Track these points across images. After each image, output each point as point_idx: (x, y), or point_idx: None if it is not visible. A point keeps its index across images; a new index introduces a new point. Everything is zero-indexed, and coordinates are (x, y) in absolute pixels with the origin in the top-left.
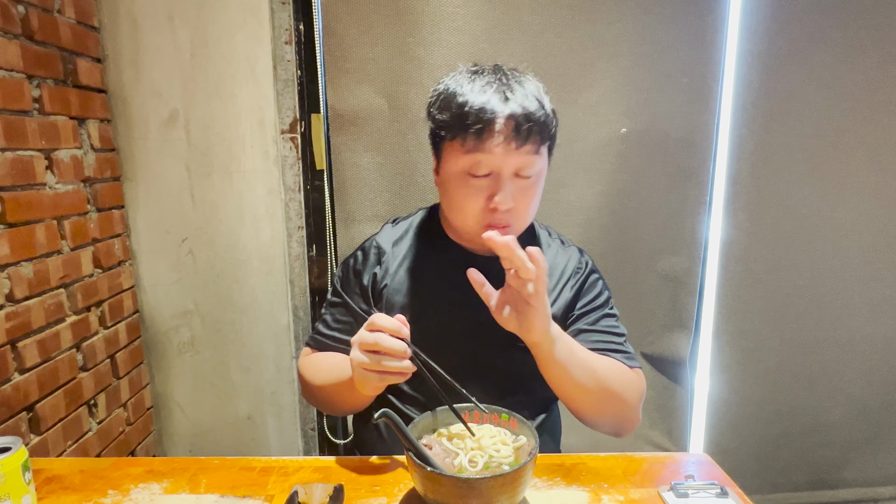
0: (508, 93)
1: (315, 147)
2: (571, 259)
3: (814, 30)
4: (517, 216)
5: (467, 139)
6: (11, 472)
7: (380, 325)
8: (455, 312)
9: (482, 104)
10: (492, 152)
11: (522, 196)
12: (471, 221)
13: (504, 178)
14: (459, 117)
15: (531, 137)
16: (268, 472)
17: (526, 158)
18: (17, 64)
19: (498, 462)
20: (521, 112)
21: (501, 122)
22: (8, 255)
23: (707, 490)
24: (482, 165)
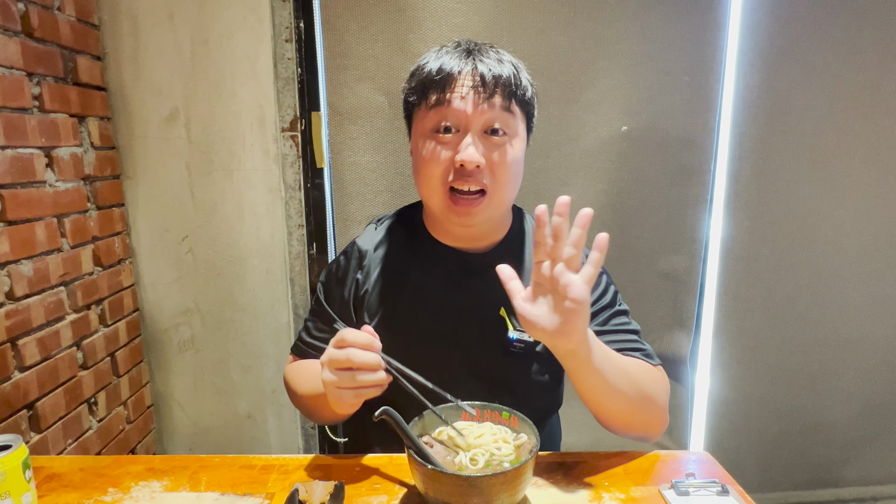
0: (476, 54)
1: (315, 145)
2: None
3: (815, 29)
4: (493, 180)
5: (429, 96)
6: (12, 470)
7: (350, 340)
8: (440, 317)
9: (448, 64)
10: (456, 104)
11: (495, 155)
12: (437, 188)
13: (472, 132)
14: (424, 78)
15: (498, 90)
16: (268, 471)
17: (494, 112)
18: (17, 61)
19: (499, 460)
20: (487, 68)
21: (466, 74)
22: (8, 253)
23: (708, 488)
24: (447, 118)
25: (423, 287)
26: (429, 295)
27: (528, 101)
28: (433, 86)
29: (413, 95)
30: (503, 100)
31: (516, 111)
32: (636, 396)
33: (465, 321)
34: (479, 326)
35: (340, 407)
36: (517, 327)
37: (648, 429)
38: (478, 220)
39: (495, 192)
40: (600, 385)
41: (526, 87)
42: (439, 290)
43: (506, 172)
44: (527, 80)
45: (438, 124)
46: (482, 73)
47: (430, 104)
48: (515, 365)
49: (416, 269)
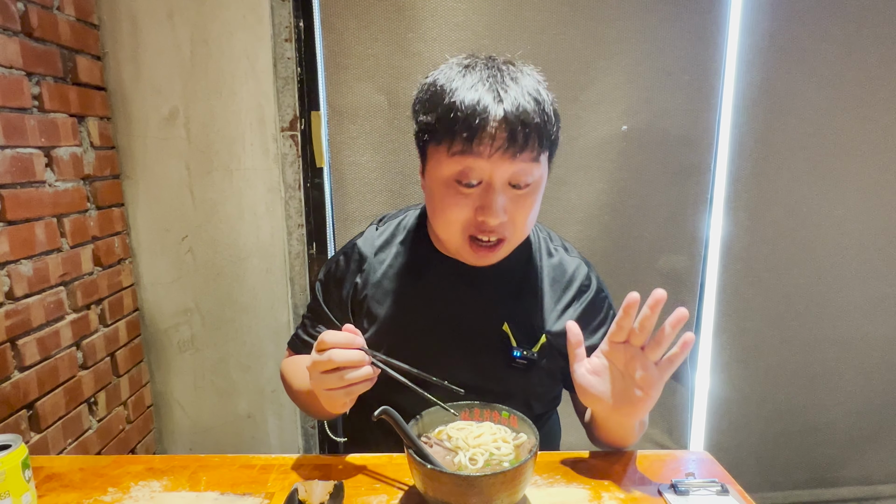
0: (502, 91)
1: (315, 145)
2: (578, 272)
3: (814, 28)
4: (513, 229)
5: (454, 143)
6: (11, 470)
7: (330, 341)
8: (442, 328)
9: (472, 104)
10: (483, 159)
11: (517, 208)
12: (456, 234)
13: (496, 189)
14: (447, 120)
15: (529, 143)
16: (268, 470)
17: (522, 166)
18: (17, 61)
19: (498, 459)
20: (516, 113)
21: (494, 125)
22: (7, 253)
23: (707, 488)
24: (471, 173)
25: (425, 296)
26: (431, 305)
27: (555, 140)
28: (457, 136)
29: (430, 132)
30: (531, 152)
31: (543, 159)
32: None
33: (468, 333)
34: (481, 339)
35: (333, 407)
36: (521, 343)
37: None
38: (494, 261)
39: (514, 238)
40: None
41: (551, 121)
42: (442, 301)
43: (523, 221)
44: (551, 109)
45: (461, 176)
46: (511, 124)
47: (453, 152)
48: (517, 378)
49: (418, 278)
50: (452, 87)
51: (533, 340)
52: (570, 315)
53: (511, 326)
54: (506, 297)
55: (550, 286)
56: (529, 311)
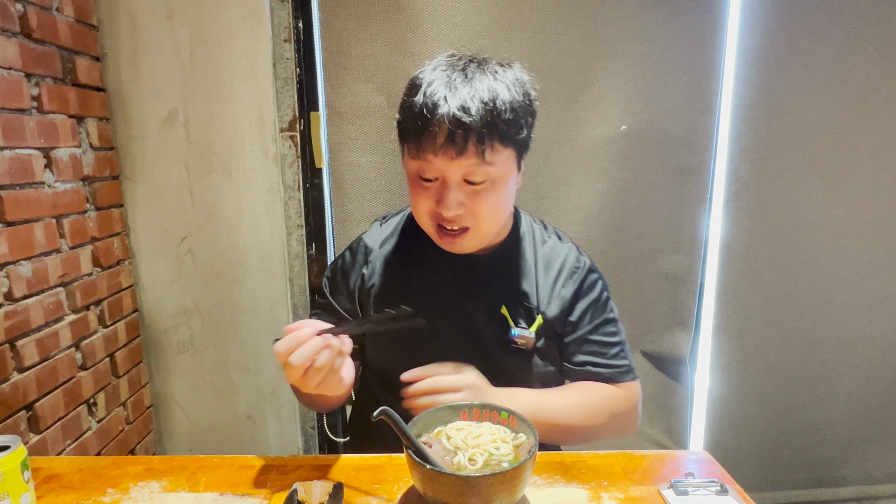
0: (451, 92)
1: (314, 145)
2: (570, 256)
3: (814, 27)
4: (475, 220)
5: (410, 143)
6: (10, 471)
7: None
8: (444, 315)
9: (424, 106)
10: (432, 158)
11: (475, 201)
12: (427, 223)
13: (450, 185)
14: (405, 120)
15: (468, 145)
16: (267, 471)
17: (469, 166)
18: (16, 62)
19: (497, 460)
20: (455, 115)
21: (437, 127)
22: (7, 254)
23: (707, 488)
24: (426, 170)
25: (427, 286)
26: (433, 294)
27: (512, 136)
28: (412, 135)
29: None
30: (477, 152)
31: (496, 156)
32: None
33: (468, 320)
34: (481, 324)
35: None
36: (519, 324)
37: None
38: (465, 248)
39: (478, 229)
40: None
41: (507, 120)
42: (443, 290)
43: (487, 213)
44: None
45: (419, 172)
46: (450, 126)
47: (412, 153)
48: (517, 360)
49: (421, 268)
50: (418, 86)
51: (530, 322)
52: (563, 294)
53: (509, 309)
54: (502, 282)
55: (545, 270)
56: (525, 294)
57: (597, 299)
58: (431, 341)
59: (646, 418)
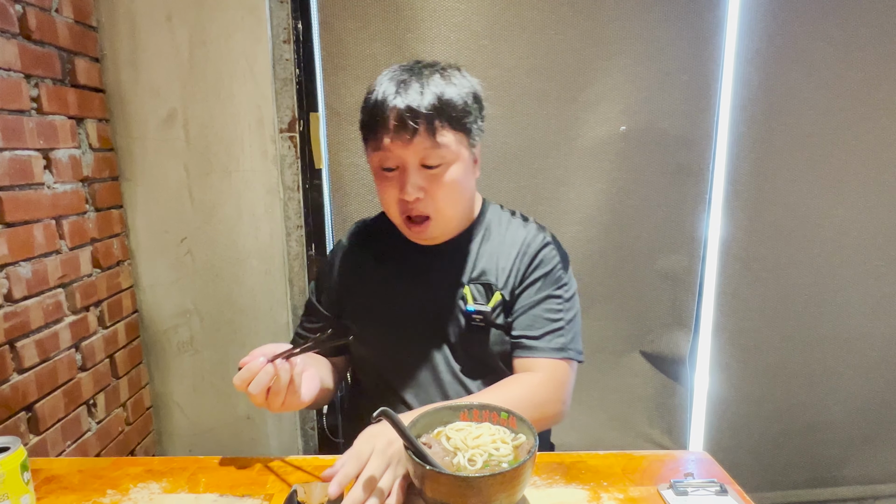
0: (403, 89)
1: (314, 146)
2: (529, 233)
3: (813, 28)
4: (434, 206)
5: (369, 137)
6: (10, 472)
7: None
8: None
9: (377, 98)
10: (389, 146)
11: (434, 185)
12: (395, 215)
13: (409, 170)
14: (364, 119)
15: (420, 126)
16: (267, 472)
17: (424, 149)
18: (15, 63)
19: (497, 460)
20: (406, 103)
21: (391, 117)
22: (6, 256)
23: (706, 488)
24: (387, 159)
25: (397, 275)
26: (404, 285)
27: (462, 123)
28: (369, 129)
29: (361, 129)
30: (429, 135)
31: (447, 138)
32: None
33: (436, 304)
34: (444, 304)
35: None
36: (477, 301)
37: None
38: (432, 236)
39: (439, 215)
40: None
41: (458, 107)
42: (410, 279)
43: (446, 197)
44: (462, 99)
45: (381, 162)
46: (401, 113)
47: (373, 146)
48: (476, 335)
49: (390, 261)
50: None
51: (490, 299)
52: (519, 269)
53: (471, 289)
54: (465, 265)
55: (507, 250)
56: (486, 273)
57: (546, 274)
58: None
59: (645, 418)
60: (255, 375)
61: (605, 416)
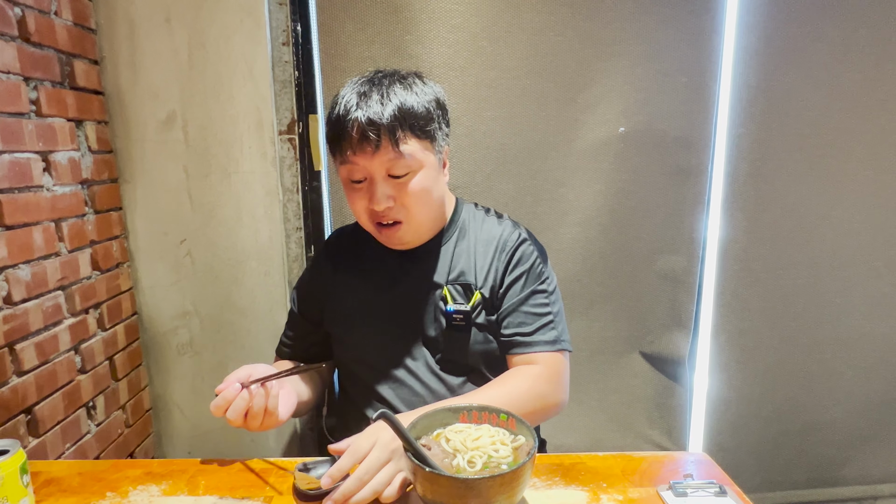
0: (363, 101)
1: (313, 148)
2: (505, 231)
3: (811, 29)
4: (405, 212)
5: (335, 152)
6: (9, 475)
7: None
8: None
9: (339, 112)
10: (354, 159)
11: (402, 194)
12: (366, 223)
13: (376, 181)
14: (329, 135)
15: (382, 141)
16: (266, 474)
17: (388, 161)
18: (14, 66)
19: (497, 462)
20: (367, 116)
21: (352, 131)
22: (5, 258)
23: (706, 489)
24: (353, 172)
25: (375, 281)
26: (383, 289)
27: (426, 130)
28: (335, 143)
29: (328, 141)
30: (391, 146)
31: (411, 147)
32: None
33: (415, 306)
34: (423, 306)
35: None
36: (457, 301)
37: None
38: (404, 240)
39: (410, 220)
40: None
41: (419, 116)
42: (388, 282)
43: (416, 203)
44: (423, 107)
45: (349, 175)
46: (361, 124)
47: (337, 158)
48: (457, 334)
49: (368, 266)
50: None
51: (469, 299)
52: (497, 268)
53: (450, 290)
54: (442, 266)
55: (483, 249)
56: (465, 274)
57: (528, 270)
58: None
59: (645, 419)
60: (230, 402)
61: (605, 416)
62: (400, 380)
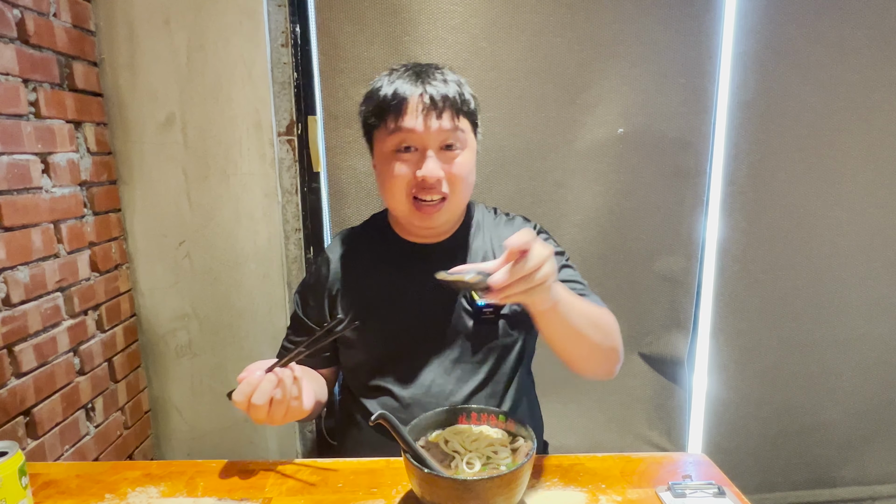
0: (423, 77)
1: (312, 149)
2: (519, 226)
3: (809, 30)
4: (450, 186)
5: (389, 119)
6: (8, 477)
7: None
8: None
9: (396, 88)
10: (412, 127)
11: (452, 167)
12: (402, 198)
13: (432, 149)
14: (380, 102)
15: (446, 110)
16: (265, 475)
17: (446, 133)
18: (13, 68)
19: (495, 463)
20: (433, 90)
21: (416, 98)
22: (4, 260)
23: (704, 490)
24: (406, 140)
25: (393, 278)
26: (399, 284)
27: (473, 113)
28: (390, 110)
29: (371, 118)
30: (452, 118)
31: (465, 125)
32: (597, 336)
33: (434, 301)
34: (446, 302)
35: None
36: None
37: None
38: (439, 221)
39: (453, 198)
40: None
41: (469, 100)
42: (408, 279)
43: (462, 180)
44: (469, 94)
45: (399, 145)
46: (431, 95)
47: (389, 128)
48: (487, 329)
49: (385, 263)
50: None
51: None
52: None
53: None
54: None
55: (499, 245)
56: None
57: None
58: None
59: (644, 420)
60: (256, 387)
61: (604, 417)
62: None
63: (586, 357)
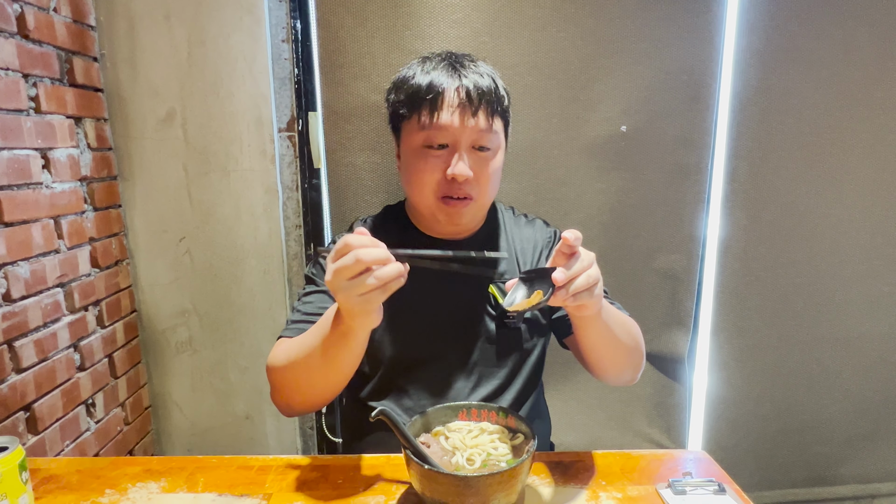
0: (460, 69)
1: (312, 145)
2: (539, 231)
3: (812, 27)
4: (478, 189)
5: (422, 113)
6: (8, 472)
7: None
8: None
9: (432, 79)
10: (446, 123)
11: (481, 168)
12: (430, 195)
13: (463, 148)
14: (413, 94)
15: (482, 107)
16: (265, 471)
17: (479, 130)
18: (13, 63)
19: (495, 460)
20: (470, 83)
21: (452, 92)
22: (4, 255)
23: (704, 487)
24: (438, 136)
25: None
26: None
27: (507, 110)
28: (424, 104)
29: (402, 108)
30: (487, 118)
31: (499, 126)
32: (630, 343)
33: (456, 302)
34: (469, 305)
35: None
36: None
37: (636, 371)
38: (464, 220)
39: (480, 198)
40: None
41: (503, 95)
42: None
43: (490, 182)
44: (503, 87)
45: (431, 141)
46: (468, 91)
47: (422, 123)
48: (509, 335)
49: None
50: (414, 71)
51: None
52: (543, 262)
53: (495, 288)
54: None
55: (521, 247)
56: (508, 271)
57: None
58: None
59: (644, 417)
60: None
61: (604, 415)
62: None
63: (620, 364)
